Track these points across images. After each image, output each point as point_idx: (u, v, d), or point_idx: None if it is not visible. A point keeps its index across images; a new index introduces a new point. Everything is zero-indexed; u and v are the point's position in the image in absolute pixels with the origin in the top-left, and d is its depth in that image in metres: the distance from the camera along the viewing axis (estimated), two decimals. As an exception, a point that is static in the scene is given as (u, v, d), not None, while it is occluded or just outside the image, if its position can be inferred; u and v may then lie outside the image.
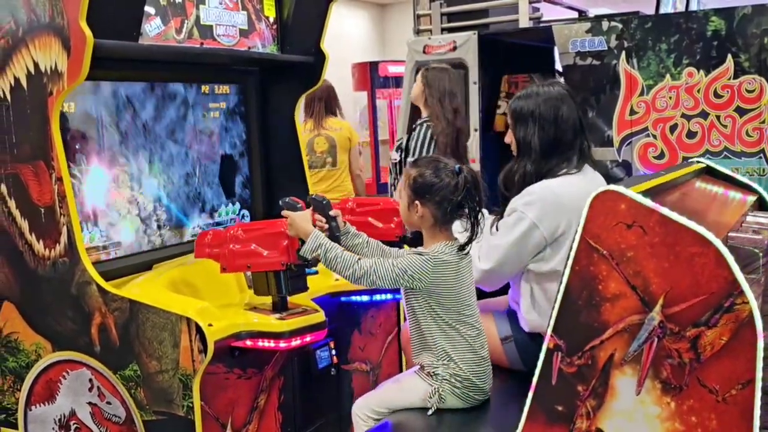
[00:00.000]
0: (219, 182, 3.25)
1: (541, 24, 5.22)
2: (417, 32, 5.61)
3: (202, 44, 2.95)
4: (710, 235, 1.64)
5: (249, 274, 2.64)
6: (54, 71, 2.32)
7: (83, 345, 2.42)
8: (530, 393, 1.85)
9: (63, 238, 2.39)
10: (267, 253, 2.44)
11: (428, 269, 2.22)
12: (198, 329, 2.22)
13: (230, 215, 3.31)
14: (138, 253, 2.83)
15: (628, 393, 1.72)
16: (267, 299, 2.52)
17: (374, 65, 9.50)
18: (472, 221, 2.26)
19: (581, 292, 1.78)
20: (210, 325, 2.24)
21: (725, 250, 1.63)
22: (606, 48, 4.20)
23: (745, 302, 1.60)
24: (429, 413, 2.24)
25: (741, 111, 3.91)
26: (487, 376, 2.31)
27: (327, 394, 2.90)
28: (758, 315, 1.59)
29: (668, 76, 4.05)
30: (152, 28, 2.72)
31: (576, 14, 6.12)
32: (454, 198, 2.23)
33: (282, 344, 2.40)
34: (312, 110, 5.19)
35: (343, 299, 2.95)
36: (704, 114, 3.98)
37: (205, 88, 3.16)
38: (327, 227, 2.46)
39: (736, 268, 1.61)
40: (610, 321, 1.74)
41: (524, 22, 5.15)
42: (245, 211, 3.39)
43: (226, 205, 3.29)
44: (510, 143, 2.67)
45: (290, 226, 2.39)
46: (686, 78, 4.01)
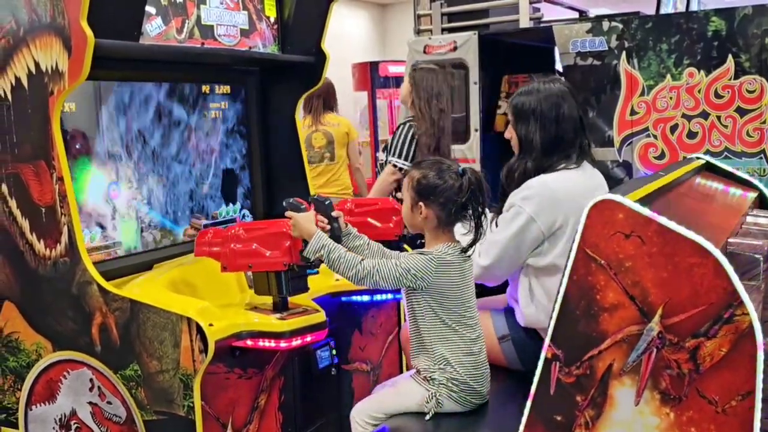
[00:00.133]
0: (219, 182, 3.24)
1: (542, 24, 5.19)
2: (417, 32, 5.58)
3: (203, 44, 2.94)
4: (709, 245, 1.64)
5: (250, 274, 2.64)
6: (55, 71, 2.31)
7: (84, 345, 2.42)
8: (528, 402, 1.84)
9: (64, 238, 2.39)
10: (269, 254, 2.44)
11: (431, 269, 2.22)
12: (199, 329, 2.22)
13: (231, 215, 3.31)
14: (138, 253, 2.84)
15: (627, 403, 1.72)
16: (267, 299, 2.52)
17: (374, 65, 9.46)
18: (476, 222, 2.26)
19: (579, 302, 1.77)
20: (211, 325, 2.24)
21: (725, 261, 1.62)
22: (606, 48, 4.18)
23: (745, 313, 1.59)
24: (426, 418, 2.24)
25: (741, 111, 3.89)
26: (485, 380, 2.31)
27: (327, 394, 2.91)
28: (758, 326, 1.59)
29: (669, 77, 4.04)
30: (153, 28, 2.71)
31: (576, 14, 6.09)
32: (459, 199, 2.23)
33: (282, 344, 2.40)
34: (311, 106, 5.21)
35: (344, 299, 2.96)
36: (705, 114, 3.97)
37: (206, 88, 3.15)
38: (329, 228, 2.47)
39: (736, 279, 1.61)
40: (609, 331, 1.74)
41: (525, 23, 5.12)
42: (246, 211, 3.39)
43: (227, 205, 3.29)
44: (510, 138, 2.67)
45: (294, 227, 2.39)
46: (687, 78, 3.99)
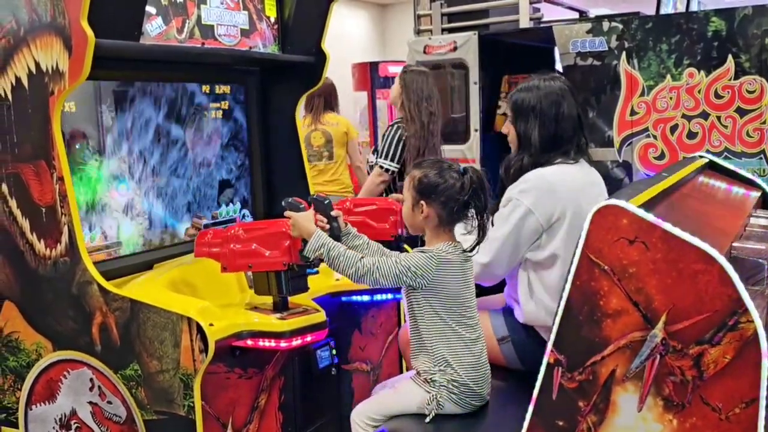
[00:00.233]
0: (219, 182, 3.24)
1: (542, 24, 5.17)
2: (417, 32, 5.57)
3: (204, 44, 2.93)
4: (714, 252, 1.63)
5: (250, 274, 2.64)
6: (55, 71, 2.31)
7: (84, 344, 2.42)
8: (530, 407, 1.84)
9: (64, 238, 2.38)
10: (269, 253, 2.44)
11: (432, 266, 2.22)
12: (199, 329, 2.22)
13: (231, 215, 3.30)
14: (138, 253, 2.83)
15: (630, 409, 1.71)
16: (268, 299, 2.52)
17: (374, 65, 9.45)
18: (479, 221, 2.26)
19: (582, 307, 1.76)
20: (211, 325, 2.24)
21: (730, 268, 1.61)
22: (606, 48, 4.18)
23: (750, 321, 1.59)
24: (427, 420, 2.23)
25: (741, 111, 3.89)
26: (485, 382, 2.31)
27: (327, 394, 2.91)
28: (763, 334, 1.58)
29: (669, 77, 4.04)
30: (153, 28, 2.70)
31: (576, 15, 6.09)
32: (461, 198, 2.23)
33: (283, 344, 2.40)
34: (311, 105, 5.21)
35: (344, 299, 2.96)
36: (705, 114, 3.97)
37: (206, 88, 3.15)
38: (328, 227, 2.46)
39: (741, 286, 1.60)
40: (612, 337, 1.73)
41: (525, 23, 5.11)
42: (245, 211, 3.38)
43: (227, 205, 3.29)
44: (507, 133, 2.67)
45: (293, 227, 2.39)
46: (687, 78, 3.99)
